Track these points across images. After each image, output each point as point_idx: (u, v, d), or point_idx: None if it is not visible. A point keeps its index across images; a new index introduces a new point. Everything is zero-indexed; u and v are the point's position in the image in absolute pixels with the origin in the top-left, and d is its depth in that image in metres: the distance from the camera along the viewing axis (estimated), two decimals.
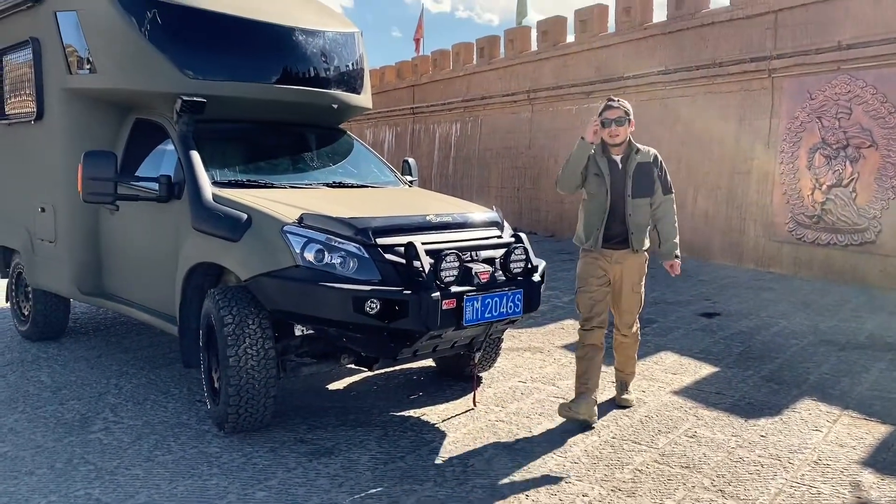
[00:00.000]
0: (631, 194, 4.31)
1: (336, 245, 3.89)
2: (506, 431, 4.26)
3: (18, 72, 5.85)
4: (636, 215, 4.34)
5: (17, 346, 6.09)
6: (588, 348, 4.43)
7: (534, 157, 15.45)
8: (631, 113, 4.32)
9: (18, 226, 6.05)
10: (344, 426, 4.32)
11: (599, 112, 4.29)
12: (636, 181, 4.32)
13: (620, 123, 4.26)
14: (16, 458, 3.80)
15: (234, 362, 3.91)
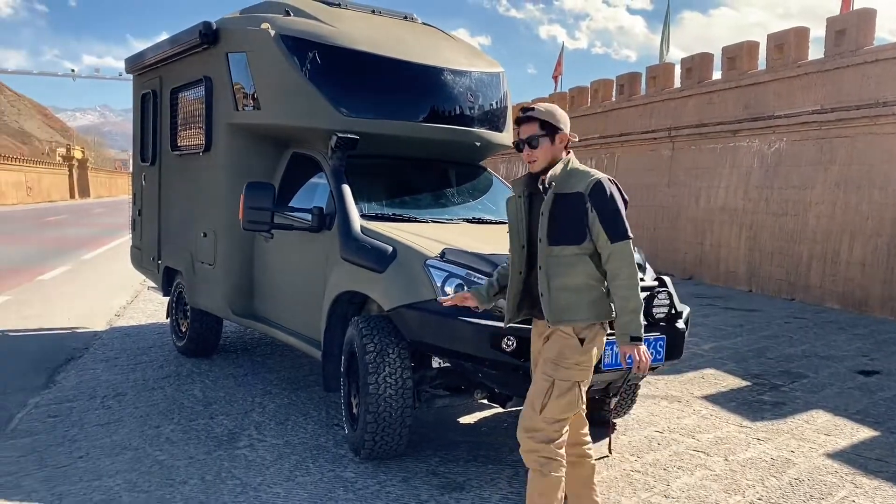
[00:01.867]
0: (544, 239, 3.07)
1: (476, 280, 3.94)
2: (641, 483, 4.11)
3: (191, 107, 6.38)
4: (551, 269, 3.05)
5: (174, 360, 6.56)
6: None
7: (673, 195, 15.00)
8: (558, 122, 3.13)
9: (183, 249, 6.54)
10: (475, 461, 4.32)
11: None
12: (553, 220, 3.03)
13: (534, 145, 3.11)
14: (171, 467, 4.07)
15: (374, 390, 4.02)
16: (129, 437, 4.52)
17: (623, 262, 2.98)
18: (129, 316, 8.71)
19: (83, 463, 4.08)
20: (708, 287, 13.11)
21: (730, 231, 13.38)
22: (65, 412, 4.96)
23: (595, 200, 3.01)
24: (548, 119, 3.11)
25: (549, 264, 3.05)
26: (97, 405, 5.15)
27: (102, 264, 14.22)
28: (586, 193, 3.02)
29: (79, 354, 6.69)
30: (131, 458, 4.18)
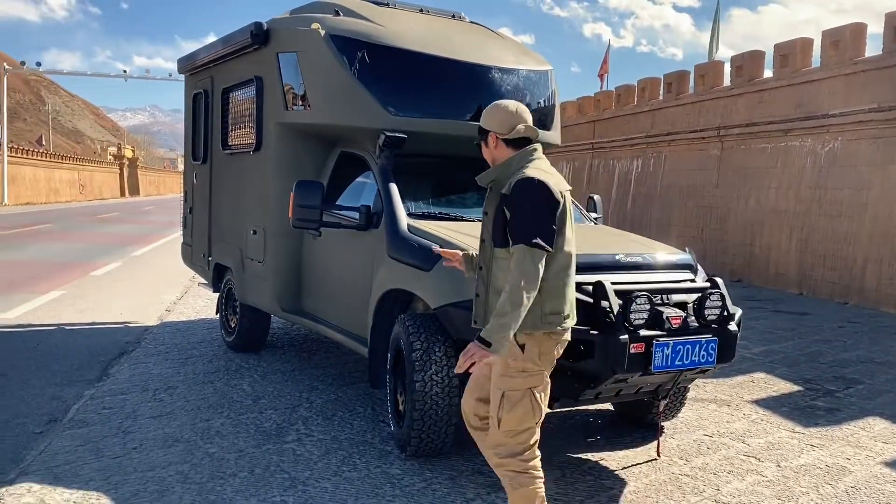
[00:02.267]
0: (488, 240, 2.99)
1: None
2: (691, 487, 4.04)
3: (241, 107, 6.48)
4: (492, 271, 2.96)
5: (223, 355, 6.67)
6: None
7: (721, 196, 14.73)
8: (486, 123, 3.04)
9: (233, 246, 6.66)
10: None
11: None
12: (494, 222, 2.96)
13: (479, 147, 3.11)
14: (222, 460, 4.14)
15: (420, 387, 4.03)
16: (181, 429, 4.62)
17: (514, 268, 2.75)
18: (178, 311, 8.89)
19: (137, 454, 4.18)
20: (757, 290, 12.84)
21: (780, 233, 13.09)
22: (119, 404, 5.09)
23: (511, 200, 2.86)
24: (486, 117, 3.05)
25: (491, 266, 2.95)
26: (149, 398, 5.26)
27: (152, 261, 14.55)
28: (508, 193, 2.88)
29: (131, 348, 6.85)
30: (183, 450, 4.27)
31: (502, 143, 3.03)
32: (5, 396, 5.29)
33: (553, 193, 2.86)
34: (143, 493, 3.65)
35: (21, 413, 4.94)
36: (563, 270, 2.92)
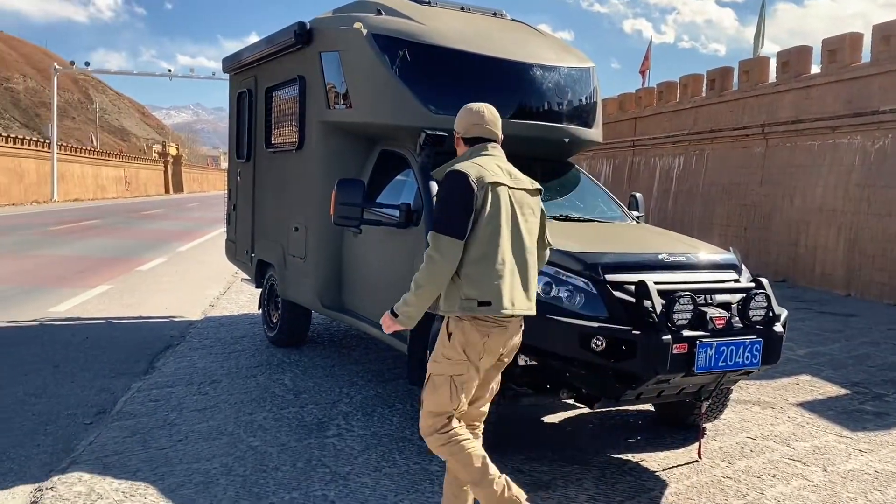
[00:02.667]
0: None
1: (564, 279, 3.91)
2: (734, 490, 3.98)
3: (284, 106, 6.57)
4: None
5: (265, 349, 6.78)
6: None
7: (765, 194, 14.45)
8: (455, 122, 3.31)
9: (275, 243, 6.76)
10: (560, 461, 4.28)
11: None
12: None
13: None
14: (264, 454, 4.21)
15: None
16: (225, 422, 4.70)
17: (425, 252, 2.91)
18: (221, 306, 9.05)
19: (182, 446, 4.27)
20: (802, 290, 12.58)
21: (827, 232, 12.79)
22: (164, 397, 5.20)
23: (438, 192, 3.07)
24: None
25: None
26: (194, 391, 5.37)
27: (196, 256, 14.83)
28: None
29: (176, 342, 7.00)
30: (227, 443, 4.35)
31: (461, 141, 3.26)
32: (57, 388, 5.46)
33: (469, 184, 2.92)
34: (189, 485, 3.73)
35: (72, 404, 5.09)
36: (484, 259, 2.92)
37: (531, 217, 3.10)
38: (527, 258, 3.04)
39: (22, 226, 20.33)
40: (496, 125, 3.23)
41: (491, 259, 2.93)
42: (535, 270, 3.10)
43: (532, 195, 3.14)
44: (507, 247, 2.97)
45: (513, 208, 3.02)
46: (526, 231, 3.05)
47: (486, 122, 3.21)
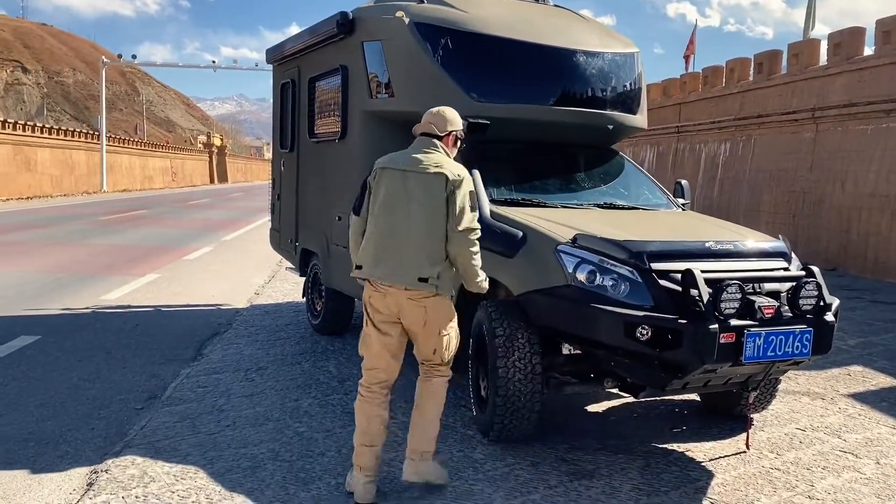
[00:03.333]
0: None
1: (609, 267, 3.87)
2: (783, 482, 3.91)
3: (327, 96, 6.62)
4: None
5: (309, 337, 6.87)
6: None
7: (815, 180, 14.08)
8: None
9: (318, 232, 6.82)
10: (604, 450, 4.26)
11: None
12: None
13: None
14: (310, 439, 4.27)
15: (503, 373, 4.04)
16: (271, 408, 4.79)
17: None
18: (267, 295, 9.19)
19: (230, 431, 4.36)
20: (853, 279, 12.24)
21: (880, 218, 12.42)
22: (213, 383, 5.31)
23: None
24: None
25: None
26: (241, 377, 5.48)
27: (242, 245, 15.08)
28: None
29: (223, 330, 7.13)
30: (273, 428, 4.42)
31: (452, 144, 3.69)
32: (110, 373, 5.61)
33: (371, 170, 3.66)
34: (237, 469, 3.81)
35: (124, 389, 5.23)
36: (367, 232, 3.53)
37: (427, 199, 3.39)
38: (406, 234, 3.38)
39: (74, 216, 20.92)
40: (436, 123, 3.62)
41: (369, 231, 3.50)
42: (415, 247, 3.37)
43: (433, 178, 3.40)
44: (381, 222, 3.45)
45: (400, 190, 3.44)
46: (414, 211, 3.38)
47: (425, 121, 3.67)
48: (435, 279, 3.35)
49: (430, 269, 3.34)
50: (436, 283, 3.36)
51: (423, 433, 3.63)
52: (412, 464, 3.61)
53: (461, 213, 3.36)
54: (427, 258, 3.35)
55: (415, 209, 3.37)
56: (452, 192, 3.36)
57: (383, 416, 3.58)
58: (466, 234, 3.38)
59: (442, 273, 3.38)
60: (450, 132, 3.61)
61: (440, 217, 3.36)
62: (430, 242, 3.37)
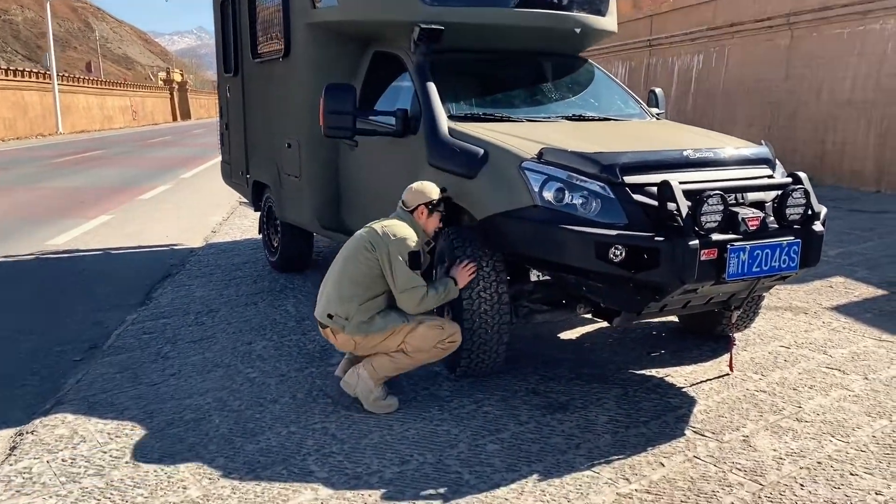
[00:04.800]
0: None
1: (578, 184, 3.50)
2: (769, 404, 3.67)
3: (269, 11, 6.03)
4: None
5: (267, 275, 6.48)
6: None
7: (790, 90, 13.70)
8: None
9: (269, 161, 6.34)
10: (578, 380, 3.98)
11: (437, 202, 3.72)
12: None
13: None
14: (262, 385, 3.94)
15: (468, 305, 3.71)
16: (221, 354, 4.43)
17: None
18: (224, 232, 8.74)
19: (175, 381, 4.01)
20: (830, 189, 12.02)
21: (857, 126, 12.13)
22: (159, 329, 4.94)
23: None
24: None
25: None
26: (191, 322, 5.10)
27: (200, 182, 14.47)
28: None
29: (175, 271, 6.71)
30: (222, 375, 4.08)
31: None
32: (49, 324, 5.20)
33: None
34: (179, 423, 3.47)
35: (63, 340, 4.84)
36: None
37: (346, 249, 3.71)
38: (328, 277, 3.75)
39: (24, 160, 19.99)
40: (406, 198, 3.77)
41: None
42: (327, 288, 3.69)
43: (362, 233, 3.66)
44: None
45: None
46: (339, 258, 3.73)
47: (402, 197, 3.80)
48: (342, 318, 3.53)
49: (337, 307, 3.54)
50: (342, 323, 3.54)
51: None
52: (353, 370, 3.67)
53: (393, 275, 3.49)
54: (337, 299, 3.56)
55: (339, 256, 3.70)
56: (384, 254, 3.49)
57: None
58: (408, 295, 3.50)
59: (353, 316, 3.52)
60: (417, 205, 3.66)
61: (353, 266, 3.56)
62: (337, 288, 3.58)
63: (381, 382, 3.61)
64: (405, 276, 3.49)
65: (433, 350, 3.62)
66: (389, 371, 3.62)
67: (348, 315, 3.53)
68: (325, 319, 3.60)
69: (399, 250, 3.50)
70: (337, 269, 3.64)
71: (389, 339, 3.56)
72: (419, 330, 3.56)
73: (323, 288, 3.69)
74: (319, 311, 3.65)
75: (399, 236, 3.53)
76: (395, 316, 3.57)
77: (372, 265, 3.52)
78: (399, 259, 3.48)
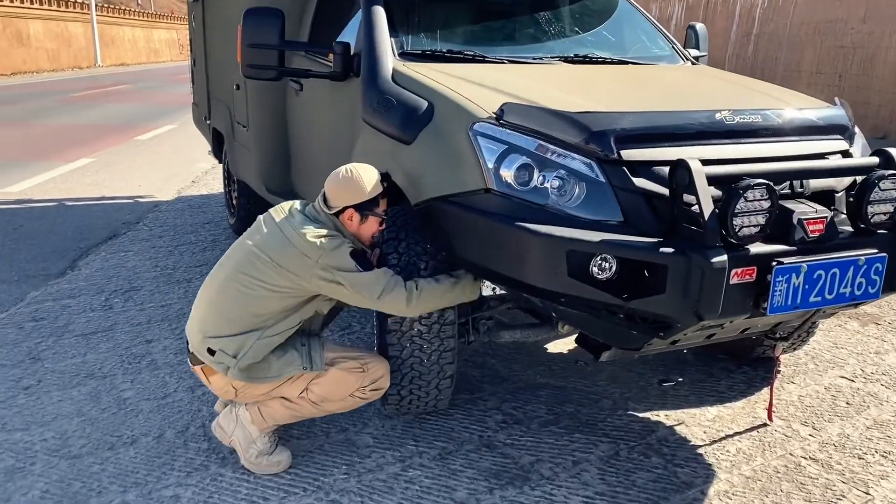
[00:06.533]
0: None
1: (552, 158, 2.35)
2: (821, 485, 2.54)
3: None
4: None
5: (222, 241, 5.51)
6: None
7: (869, 32, 11.93)
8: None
9: (223, 105, 5.31)
10: (556, 426, 2.90)
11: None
12: None
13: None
14: (130, 412, 2.96)
15: (393, 325, 2.63)
16: (107, 357, 3.47)
17: None
18: (204, 183, 7.79)
19: (24, 398, 3.06)
20: None
21: None
22: (55, 313, 4.00)
23: None
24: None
25: None
26: (98, 304, 4.15)
27: None
28: None
29: (123, 231, 5.78)
30: (88, 393, 3.11)
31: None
32: None
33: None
34: None
35: None
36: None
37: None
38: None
39: (44, 93, 19.26)
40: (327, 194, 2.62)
41: None
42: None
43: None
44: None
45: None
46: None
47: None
48: (227, 356, 2.46)
49: (223, 341, 2.47)
50: (227, 363, 2.45)
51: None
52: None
53: (351, 291, 2.44)
54: (226, 327, 2.48)
55: (227, 263, 2.62)
56: (313, 276, 2.43)
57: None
58: (390, 301, 2.44)
59: (244, 354, 2.45)
60: (344, 207, 2.53)
61: (251, 283, 2.47)
62: (223, 313, 2.49)
63: (270, 430, 2.60)
64: (364, 282, 2.41)
65: (348, 400, 2.59)
66: (283, 420, 2.60)
67: (238, 352, 2.43)
68: (203, 355, 2.49)
69: (335, 263, 2.41)
70: (225, 286, 2.49)
71: (285, 386, 2.53)
72: (330, 374, 2.53)
73: (199, 307, 2.55)
74: (196, 341, 2.52)
75: (324, 248, 2.42)
76: (298, 358, 2.51)
77: (280, 283, 2.43)
78: (343, 274, 2.41)
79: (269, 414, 2.56)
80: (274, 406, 2.56)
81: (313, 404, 2.55)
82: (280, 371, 2.48)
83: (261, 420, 2.56)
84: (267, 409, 2.56)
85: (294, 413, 2.58)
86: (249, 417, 2.56)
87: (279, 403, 2.55)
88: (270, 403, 2.55)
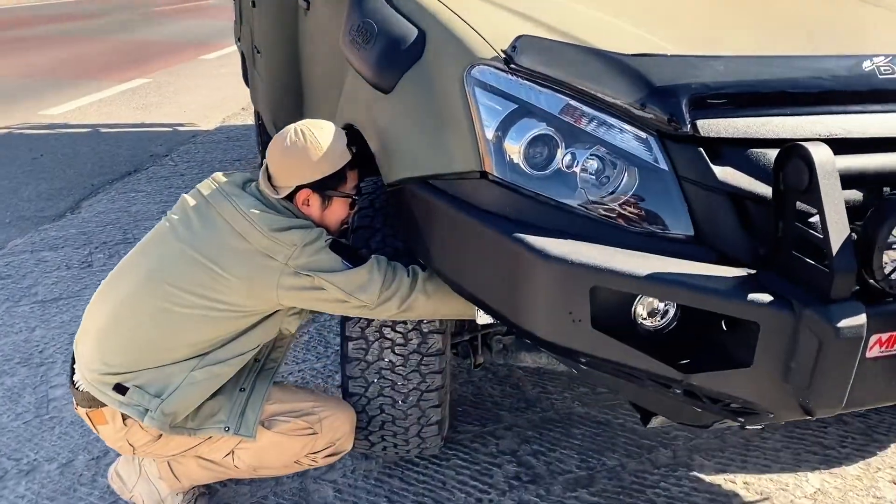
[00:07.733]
0: None
1: (587, 128, 1.47)
2: None
3: None
4: None
5: None
6: None
7: None
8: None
9: (246, 25, 4.57)
10: (582, 490, 2.11)
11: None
12: None
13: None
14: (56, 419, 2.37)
15: (356, 351, 1.88)
16: (56, 335, 2.90)
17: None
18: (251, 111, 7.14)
19: None
20: None
21: None
22: (24, 271, 3.47)
23: None
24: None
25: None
26: (76, 261, 3.59)
27: None
28: None
29: (146, 165, 5.23)
30: (11, 388, 2.54)
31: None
32: None
33: None
34: None
35: None
36: None
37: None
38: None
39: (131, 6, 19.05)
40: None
41: None
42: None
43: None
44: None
45: None
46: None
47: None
48: (148, 395, 1.70)
49: (143, 374, 1.72)
50: (145, 405, 1.69)
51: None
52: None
53: (342, 294, 1.70)
54: (148, 355, 1.74)
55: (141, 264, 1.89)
56: (290, 284, 1.71)
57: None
58: (385, 305, 1.71)
59: (171, 393, 1.71)
60: (296, 188, 1.79)
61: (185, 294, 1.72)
62: (141, 334, 1.74)
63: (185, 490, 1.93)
64: (358, 282, 1.68)
65: (293, 466, 1.88)
66: (202, 480, 1.93)
67: (164, 390, 1.69)
68: (106, 394, 1.69)
69: (313, 264, 1.69)
70: (141, 300, 1.72)
71: (203, 446, 1.82)
72: (265, 440, 1.80)
73: (98, 324, 1.75)
74: (91, 373, 1.71)
75: (294, 243, 1.68)
76: (225, 411, 1.77)
77: (228, 299, 1.69)
78: (327, 276, 1.68)
79: (182, 473, 1.89)
80: (189, 465, 1.88)
81: (240, 470, 1.86)
82: (200, 424, 1.77)
83: (172, 478, 1.89)
84: (180, 466, 1.88)
85: (216, 475, 1.90)
86: (157, 472, 1.90)
87: (196, 463, 1.87)
88: (184, 461, 1.87)
